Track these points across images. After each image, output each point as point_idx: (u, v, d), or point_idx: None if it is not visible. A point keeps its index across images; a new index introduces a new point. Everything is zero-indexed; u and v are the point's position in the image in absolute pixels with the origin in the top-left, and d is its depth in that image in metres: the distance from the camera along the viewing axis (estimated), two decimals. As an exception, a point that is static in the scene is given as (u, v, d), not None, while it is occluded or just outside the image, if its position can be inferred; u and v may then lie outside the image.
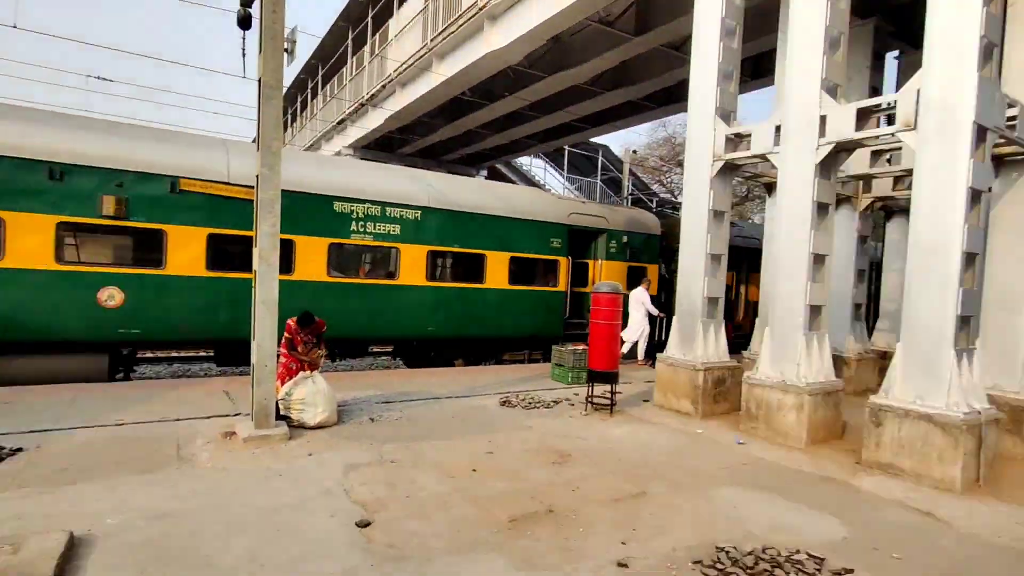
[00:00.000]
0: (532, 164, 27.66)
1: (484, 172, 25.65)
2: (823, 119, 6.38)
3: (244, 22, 6.24)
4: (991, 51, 5.38)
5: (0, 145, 7.37)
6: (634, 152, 28.86)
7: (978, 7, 5.14)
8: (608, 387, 7.57)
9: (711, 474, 5.37)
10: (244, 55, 7.66)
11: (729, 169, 7.85)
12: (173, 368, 12.14)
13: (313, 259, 9.49)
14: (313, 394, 6.14)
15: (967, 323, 5.47)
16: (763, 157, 7.28)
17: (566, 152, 25.94)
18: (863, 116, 6.19)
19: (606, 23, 12.28)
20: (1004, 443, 6.13)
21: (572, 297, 12.88)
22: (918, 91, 5.57)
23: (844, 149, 6.62)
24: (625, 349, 11.79)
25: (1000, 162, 6.41)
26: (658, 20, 11.65)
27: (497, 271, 11.51)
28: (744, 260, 15.63)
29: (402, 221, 10.39)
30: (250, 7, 6.15)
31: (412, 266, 10.52)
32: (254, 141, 6.73)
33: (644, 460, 5.66)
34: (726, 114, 7.72)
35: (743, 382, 7.02)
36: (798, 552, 3.78)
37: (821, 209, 6.59)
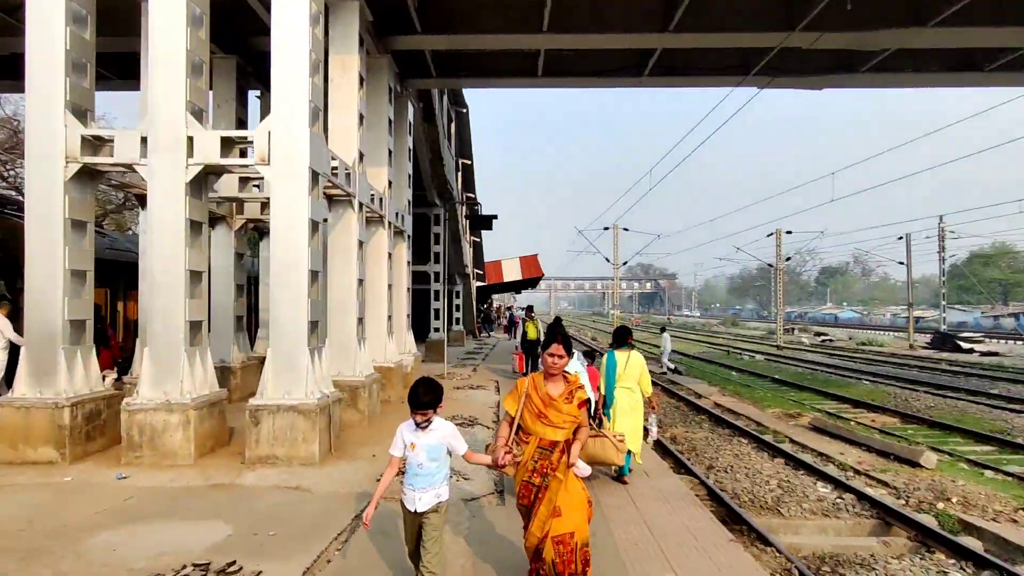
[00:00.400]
0: None
1: None
2: (191, 140, 6.59)
3: None
4: (318, 114, 6.94)
5: None
6: (-56, 129, 21.10)
7: (306, 78, 6.54)
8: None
9: (85, 524, 4.71)
10: None
11: (90, 175, 6.99)
12: None
13: None
14: None
15: (316, 327, 6.89)
16: (130, 167, 6.87)
17: None
18: (228, 144, 6.78)
19: None
20: (346, 415, 8.04)
21: None
22: (269, 132, 6.58)
23: (213, 172, 7.07)
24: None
25: (331, 200, 8.34)
26: (-27, -32, 9.02)
27: None
28: (122, 275, 14.09)
29: None
30: None
31: None
32: None
33: (-20, 540, 4.39)
34: (82, 111, 6.83)
35: (123, 410, 6.43)
36: (184, 568, 3.86)
37: (195, 227, 6.79)
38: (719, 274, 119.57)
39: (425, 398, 3.15)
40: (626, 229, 33.74)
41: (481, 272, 33.48)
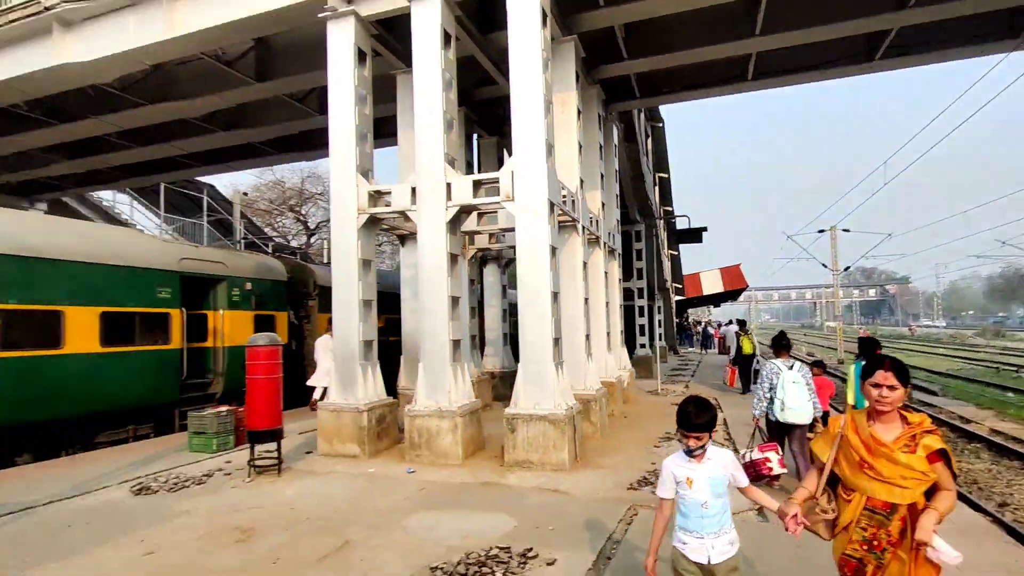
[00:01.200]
0: (116, 200, 22.97)
1: (44, 206, 19.97)
2: (449, 186, 7.75)
3: None
4: (551, 150, 7.64)
5: None
6: (244, 194, 27.25)
7: (541, 120, 7.28)
8: (268, 446, 7.16)
9: (397, 506, 5.79)
10: None
11: (372, 222, 8.58)
12: None
13: None
14: None
15: (558, 343, 7.51)
16: (403, 214, 8.28)
17: (162, 188, 22.59)
18: (477, 186, 7.81)
19: (223, 62, 11.61)
20: (581, 427, 8.53)
21: (190, 354, 11.35)
22: (512, 172, 7.43)
23: (465, 211, 8.16)
24: (317, 395, 11.11)
25: (560, 226, 9.02)
26: (280, 70, 11.69)
27: (83, 330, 9.25)
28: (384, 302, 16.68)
29: None
30: None
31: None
32: None
33: (332, 511, 5.66)
34: (365, 171, 8.45)
35: (405, 415, 7.72)
36: (491, 549, 4.56)
37: (452, 259, 7.92)
38: (969, 275, 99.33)
39: (699, 419, 2.66)
40: (846, 230, 30.02)
41: (680, 286, 32.55)
